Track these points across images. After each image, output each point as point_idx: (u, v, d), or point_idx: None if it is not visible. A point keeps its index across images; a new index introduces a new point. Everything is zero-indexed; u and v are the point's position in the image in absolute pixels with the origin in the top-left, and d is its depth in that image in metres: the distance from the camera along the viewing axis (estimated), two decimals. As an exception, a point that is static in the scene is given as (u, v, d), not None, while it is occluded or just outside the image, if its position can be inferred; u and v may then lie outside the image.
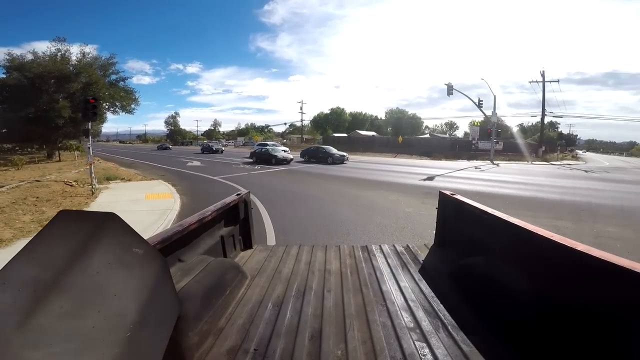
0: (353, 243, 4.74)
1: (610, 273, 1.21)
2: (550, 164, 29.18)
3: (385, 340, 1.55)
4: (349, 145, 42.50)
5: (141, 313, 0.95)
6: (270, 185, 11.58)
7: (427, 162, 27.47)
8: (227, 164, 21.62)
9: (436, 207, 3.21)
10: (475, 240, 2.41)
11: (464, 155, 33.47)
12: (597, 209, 8.19)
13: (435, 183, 12.81)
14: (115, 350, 0.82)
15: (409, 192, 10.27)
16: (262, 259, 2.68)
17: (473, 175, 16.59)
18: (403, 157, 33.31)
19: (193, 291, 1.59)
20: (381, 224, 6.24)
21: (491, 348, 1.49)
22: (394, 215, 7.00)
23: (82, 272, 0.89)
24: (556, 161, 34.86)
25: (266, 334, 1.61)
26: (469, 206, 2.58)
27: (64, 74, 18.17)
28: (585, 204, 8.75)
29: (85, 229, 0.99)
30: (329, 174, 15.40)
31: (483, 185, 12.45)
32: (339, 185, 11.72)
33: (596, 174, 20.58)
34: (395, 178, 14.10)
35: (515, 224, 1.89)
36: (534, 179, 15.40)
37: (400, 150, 38.64)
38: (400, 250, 2.91)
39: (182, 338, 1.37)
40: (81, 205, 8.04)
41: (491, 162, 27.83)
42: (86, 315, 0.84)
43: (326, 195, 9.43)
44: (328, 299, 1.99)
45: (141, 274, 1.06)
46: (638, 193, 11.51)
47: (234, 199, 2.86)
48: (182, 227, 1.87)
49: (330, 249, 2.93)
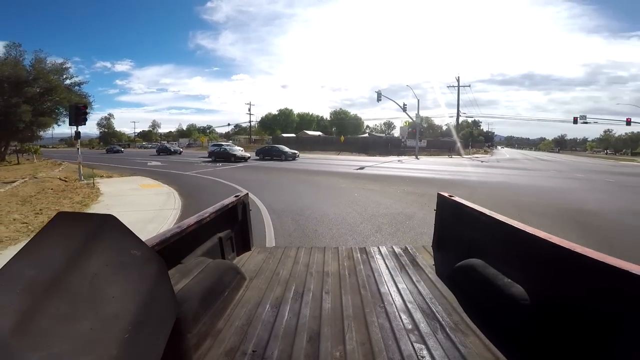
0: (307, 204, 8.42)
1: (607, 274, 1.23)
2: (462, 157, 36.24)
3: (383, 341, 1.55)
4: (297, 144, 45.82)
5: (139, 315, 0.96)
6: (241, 177, 14.50)
7: (363, 157, 32.44)
8: (188, 162, 23.51)
9: (434, 209, 3.23)
10: (474, 242, 2.43)
11: (395, 152, 39.44)
12: (452, 182, 13.00)
13: (364, 171, 17.14)
14: (113, 352, 0.83)
15: (345, 176, 14.29)
16: (261, 261, 2.70)
17: (393, 165, 21.52)
18: (345, 154, 38.10)
19: (191, 293, 1.60)
20: (325, 193, 9.87)
21: (489, 350, 1.49)
22: (333, 188, 10.77)
23: (80, 274, 0.90)
24: (468, 155, 42.71)
25: (264, 335, 1.61)
26: (467, 208, 2.60)
27: (20, 79, 18.45)
28: (447, 180, 13.65)
29: (84, 231, 1.00)
30: (285, 168, 18.81)
31: (395, 171, 17.26)
32: (294, 174, 15.19)
33: (488, 163, 27.20)
34: (336, 169, 18.15)
35: (514, 225, 1.91)
36: (435, 167, 20.79)
37: (342, 148, 43.44)
38: (399, 252, 2.91)
39: (180, 339, 1.37)
40: (93, 195, 10.10)
41: (416, 156, 33.73)
42: (84, 317, 0.84)
43: (286, 181, 12.80)
44: (326, 300, 1.99)
45: (139, 275, 1.07)
46: (498, 174, 17.08)
47: (232, 200, 2.89)
48: (181, 229, 1.87)
49: (328, 250, 2.95)
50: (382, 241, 5.07)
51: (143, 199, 8.91)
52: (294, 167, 19.46)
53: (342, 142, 45.54)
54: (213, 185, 11.72)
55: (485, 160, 32.60)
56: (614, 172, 21.03)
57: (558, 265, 1.51)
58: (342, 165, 20.55)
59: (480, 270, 1.97)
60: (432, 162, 25.60)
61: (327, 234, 5.49)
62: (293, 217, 6.52)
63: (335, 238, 5.25)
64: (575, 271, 1.41)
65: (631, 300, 1.16)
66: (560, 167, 25.08)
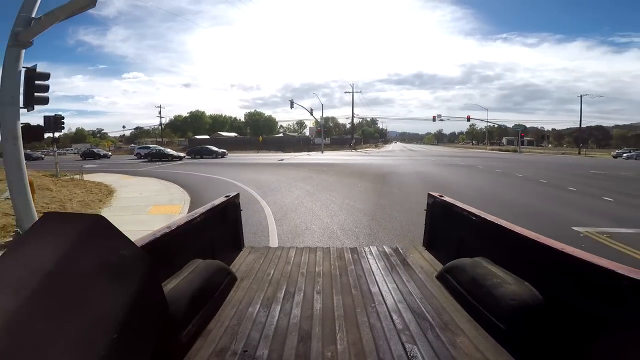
0: (254, 178, 15.16)
1: (595, 274, 1.29)
2: (356, 151, 46.60)
3: (374, 341, 1.56)
4: (213, 145, 49.74)
5: (128, 315, 0.96)
6: (188, 170, 19.64)
7: (280, 154, 39.58)
8: (126, 163, 26.39)
9: (424, 209, 3.26)
10: (463, 241, 2.49)
11: (306, 148, 47.67)
12: (336, 164, 21.19)
13: (284, 161, 24.27)
14: (102, 352, 0.82)
15: (271, 165, 21.18)
16: (252, 261, 2.71)
17: (303, 158, 29.39)
18: (263, 152, 44.61)
19: (181, 293, 1.59)
20: (262, 173, 16.43)
21: (479, 350, 1.50)
22: (262, 172, 17.40)
23: (67, 274, 0.90)
24: (361, 149, 53.98)
25: (255, 335, 1.61)
26: (457, 208, 2.64)
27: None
28: (333, 163, 21.88)
29: (72, 231, 1.00)
30: (221, 163, 24.37)
31: (304, 161, 24.98)
32: (232, 166, 21.09)
33: (370, 154, 37.44)
34: (263, 162, 24.75)
35: (503, 225, 1.95)
36: (332, 157, 29.37)
37: (260, 147, 49.59)
38: (389, 251, 2.92)
39: (171, 339, 1.38)
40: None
41: (322, 151, 42.36)
42: (72, 317, 0.84)
43: (226, 172, 18.57)
44: (318, 300, 2.00)
45: (128, 275, 1.06)
46: (366, 159, 26.28)
47: (222, 200, 2.93)
48: (171, 229, 1.87)
49: (319, 250, 2.96)
50: (293, 184, 12.00)
51: (142, 187, 13.83)
52: (228, 162, 25.08)
53: (260, 141, 51.59)
54: (177, 174, 16.91)
55: (370, 152, 43.56)
56: (446, 154, 33.09)
57: (547, 265, 1.58)
58: (265, 160, 27.10)
59: (469, 270, 1.98)
60: (332, 155, 34.35)
61: (268, 186, 12.16)
62: (254, 184, 12.99)
63: (270, 186, 11.98)
64: (564, 270, 1.46)
65: (617, 300, 1.21)
66: (414, 154, 36.92)
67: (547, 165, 22.10)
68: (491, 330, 1.61)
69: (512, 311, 1.52)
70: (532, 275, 1.66)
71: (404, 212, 7.13)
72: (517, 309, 1.52)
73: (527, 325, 1.48)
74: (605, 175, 15.96)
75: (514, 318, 1.51)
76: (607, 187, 11.17)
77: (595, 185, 11.71)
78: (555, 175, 15.22)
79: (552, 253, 1.54)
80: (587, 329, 1.30)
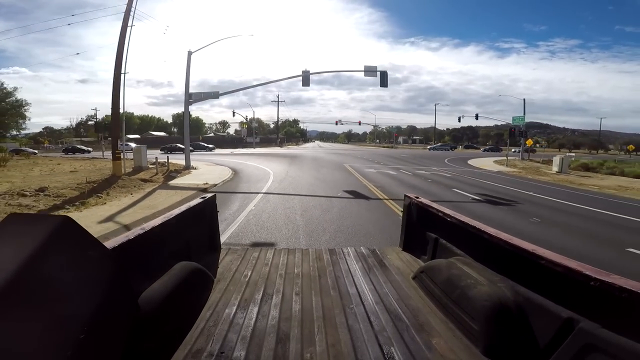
0: (235, 166, 28.62)
1: (564, 275, 1.35)
2: (281, 148, 60.58)
3: (352, 343, 1.57)
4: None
5: (95, 315, 0.95)
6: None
7: (222, 150, 51.12)
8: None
9: (401, 210, 3.35)
10: (439, 243, 2.54)
11: (240, 146, 59.75)
12: (263, 154, 35.29)
13: (234, 153, 36.86)
14: (68, 352, 0.82)
15: (228, 155, 33.79)
16: (229, 262, 2.70)
17: (244, 151, 42.19)
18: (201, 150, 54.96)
19: (156, 295, 1.57)
20: (232, 161, 29.27)
21: (454, 350, 1.52)
22: (229, 157, 30.30)
23: (32, 275, 0.89)
24: (285, 146, 68.42)
25: (232, 337, 1.60)
26: (433, 209, 2.68)
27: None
28: (261, 154, 35.70)
29: (36, 232, 0.99)
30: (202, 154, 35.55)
31: (245, 152, 38.18)
32: (212, 156, 32.87)
33: (289, 150, 51.80)
34: (216, 153, 36.73)
35: (477, 227, 2.00)
36: (261, 151, 42.99)
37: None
38: (367, 253, 2.96)
39: (145, 341, 1.36)
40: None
41: (253, 147, 55.14)
42: (37, 318, 0.83)
43: (212, 159, 30.80)
44: (296, 302, 2.00)
45: (95, 276, 1.06)
46: (285, 151, 40.87)
47: (199, 201, 2.91)
48: (145, 230, 1.86)
49: (298, 252, 2.98)
50: (242, 161, 25.48)
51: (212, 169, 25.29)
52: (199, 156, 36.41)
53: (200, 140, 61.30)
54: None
55: (292, 148, 58.39)
56: (342, 149, 49.76)
57: (519, 266, 1.61)
58: (219, 155, 38.96)
59: (444, 271, 2.00)
60: (262, 150, 47.68)
61: (248, 165, 25.28)
62: (231, 166, 25.91)
63: (239, 161, 25.28)
64: (537, 271, 1.48)
65: (584, 301, 1.26)
66: (321, 150, 52.94)
67: (387, 154, 39.91)
68: (465, 331, 1.63)
69: (485, 312, 1.55)
70: (508, 276, 1.71)
71: (300, 163, 21.98)
72: (489, 310, 1.54)
73: (499, 326, 1.51)
74: (398, 157, 33.04)
75: (486, 319, 1.54)
76: (385, 161, 27.03)
77: (382, 159, 27.88)
78: (376, 157, 31.20)
79: (523, 254, 1.58)
80: (557, 330, 1.34)
